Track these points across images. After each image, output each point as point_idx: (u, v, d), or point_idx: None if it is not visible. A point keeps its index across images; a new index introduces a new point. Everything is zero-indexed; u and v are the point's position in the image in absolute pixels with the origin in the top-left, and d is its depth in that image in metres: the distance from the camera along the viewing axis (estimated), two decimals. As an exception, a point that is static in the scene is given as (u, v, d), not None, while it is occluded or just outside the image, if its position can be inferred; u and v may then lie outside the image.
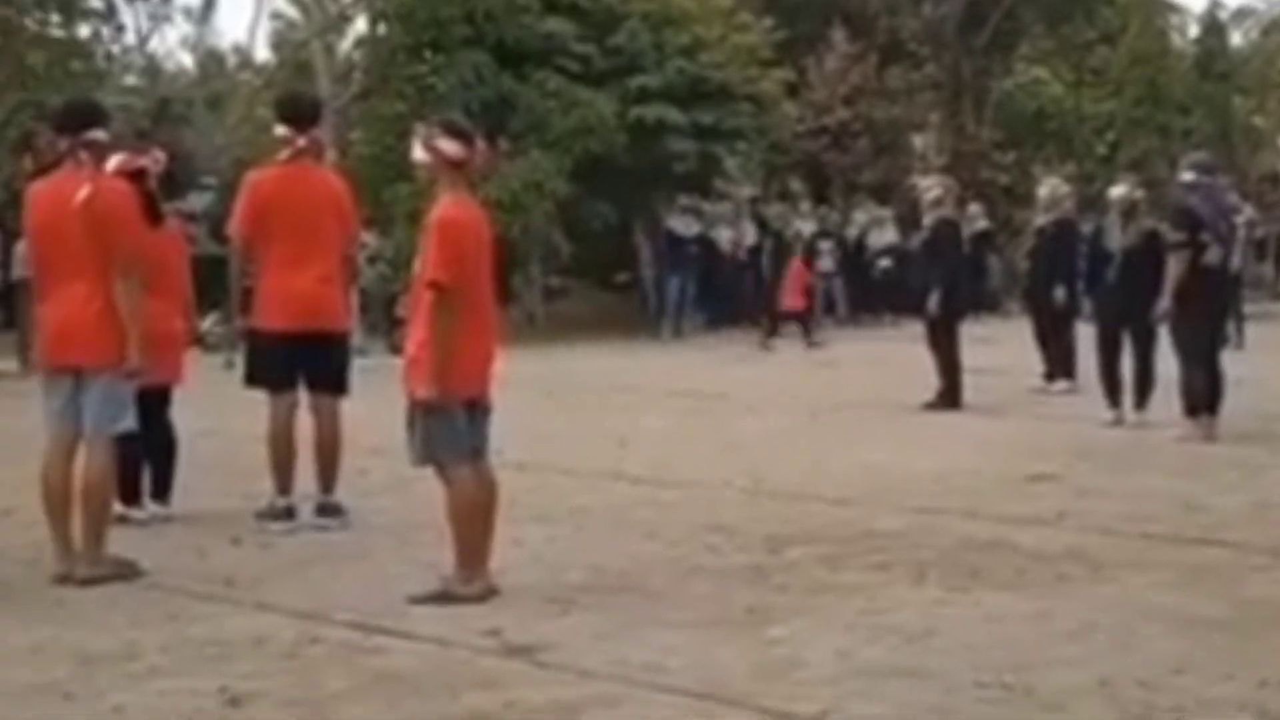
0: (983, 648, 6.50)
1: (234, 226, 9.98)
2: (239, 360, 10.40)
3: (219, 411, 12.27)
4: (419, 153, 7.78)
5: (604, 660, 6.43)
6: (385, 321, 25.28)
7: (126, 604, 7.64)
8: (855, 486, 10.64)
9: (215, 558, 8.69)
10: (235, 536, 9.17)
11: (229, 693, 6.03)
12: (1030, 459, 11.67)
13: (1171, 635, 6.67)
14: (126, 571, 8.19)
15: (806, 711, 5.76)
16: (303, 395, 9.81)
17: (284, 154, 9.90)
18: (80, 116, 8.58)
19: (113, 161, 8.99)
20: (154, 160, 9.66)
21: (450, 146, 7.72)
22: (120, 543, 8.45)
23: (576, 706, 5.85)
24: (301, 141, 9.84)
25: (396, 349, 24.09)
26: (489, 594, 7.55)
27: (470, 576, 7.60)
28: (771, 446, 12.91)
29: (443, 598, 7.49)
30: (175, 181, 10.08)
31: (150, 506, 9.90)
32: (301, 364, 9.72)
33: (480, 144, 7.91)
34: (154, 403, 9.49)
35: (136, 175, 9.18)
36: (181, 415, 10.15)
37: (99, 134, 8.48)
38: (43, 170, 8.64)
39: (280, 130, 9.98)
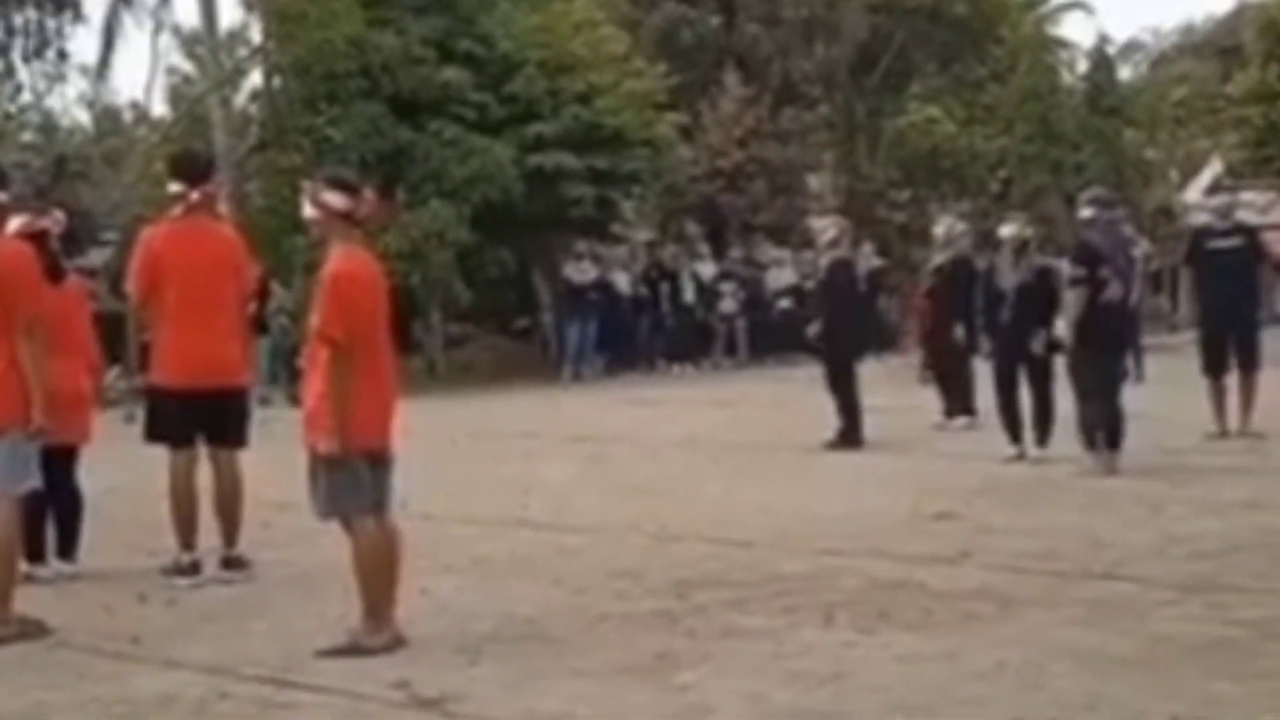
0: (893, 689, 6.52)
1: (130, 283, 9.95)
2: (139, 414, 10.33)
3: (122, 467, 12.11)
4: (308, 210, 7.80)
5: (512, 711, 6.42)
6: (286, 372, 25.12)
7: (35, 663, 7.57)
8: (760, 529, 10.64)
9: (122, 615, 8.61)
10: (141, 593, 9.12)
11: (137, 754, 5.97)
12: (934, 497, 11.71)
13: (1081, 672, 6.70)
14: (33, 630, 8.09)
15: (719, 758, 5.77)
16: (203, 449, 9.75)
17: (178, 209, 9.87)
18: None
19: (14, 224, 8.96)
20: (55, 221, 9.77)
21: (336, 199, 7.74)
22: (27, 601, 8.35)
23: (488, 758, 5.83)
24: (195, 196, 9.83)
25: (296, 400, 24.08)
26: (396, 644, 7.51)
27: (377, 627, 7.56)
28: (675, 490, 12.91)
29: (351, 650, 7.44)
30: (75, 239, 10.04)
31: (55, 565, 9.80)
32: (200, 419, 9.67)
33: (368, 194, 7.88)
34: (60, 461, 9.43)
35: (38, 237, 9.19)
36: (85, 471, 10.04)
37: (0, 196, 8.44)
38: None
39: (174, 186, 9.98)
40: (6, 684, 7.13)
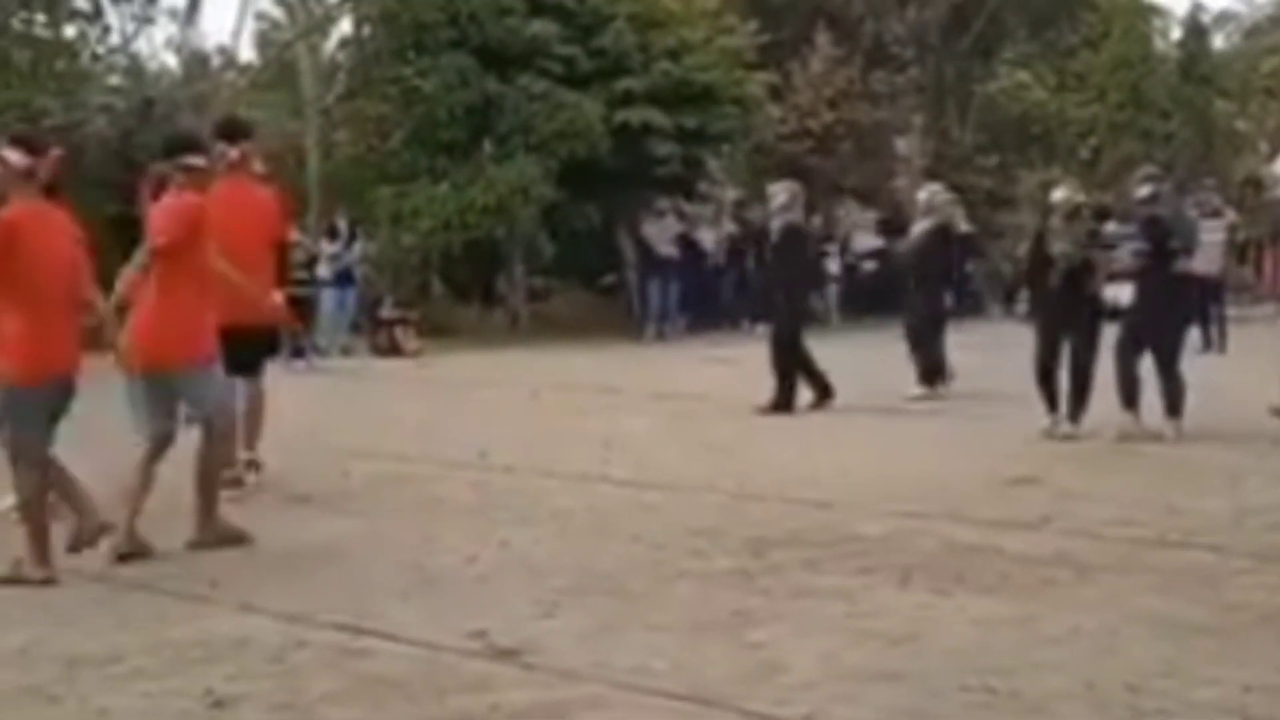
0: (967, 652, 6.51)
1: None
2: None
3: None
4: None
5: (589, 663, 6.44)
6: (370, 323, 25.32)
7: (113, 605, 7.65)
8: (837, 489, 10.65)
9: (200, 558, 8.68)
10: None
11: (214, 695, 6.04)
12: (1012, 461, 11.70)
13: (1156, 639, 6.68)
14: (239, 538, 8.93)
15: (790, 715, 5.77)
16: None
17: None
18: None
19: None
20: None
21: (16, 158, 8.18)
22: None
23: (562, 709, 5.86)
24: (234, 154, 10.84)
25: (380, 350, 24.28)
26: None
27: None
28: (754, 449, 12.91)
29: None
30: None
31: None
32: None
33: (53, 155, 8.32)
34: None
35: None
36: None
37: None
38: None
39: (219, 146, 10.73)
40: (84, 625, 7.22)
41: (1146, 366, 13.17)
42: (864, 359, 19.08)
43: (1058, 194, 13.90)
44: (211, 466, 9.05)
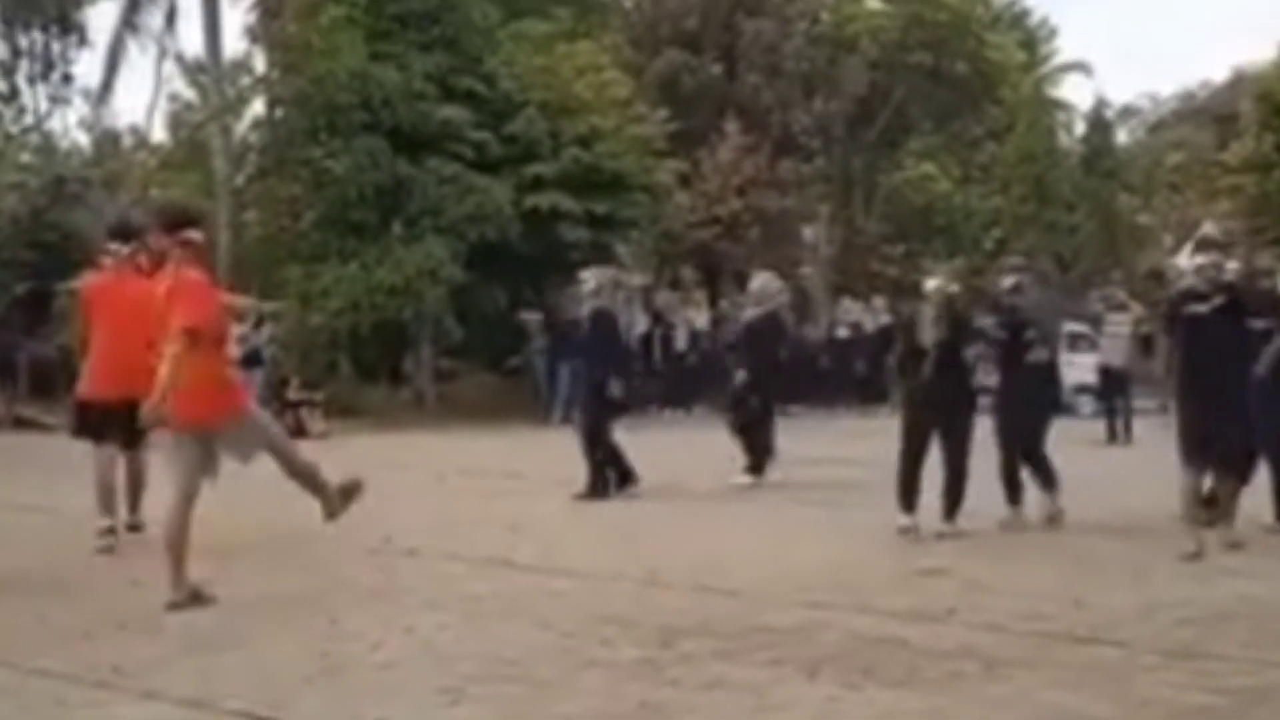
0: (876, 746, 6.50)
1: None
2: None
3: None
4: None
5: (497, 754, 6.39)
6: (276, 404, 25.14)
7: (12, 690, 7.55)
8: (745, 578, 10.62)
9: (102, 643, 8.56)
10: (121, 621, 9.07)
11: (115, 783, 5.94)
12: (916, 551, 11.74)
13: (1064, 736, 6.69)
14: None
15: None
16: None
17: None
18: None
19: None
20: None
21: None
22: (6, 615, 8.35)
23: (469, 801, 5.80)
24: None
25: (286, 431, 24.11)
26: None
27: None
28: (662, 535, 12.89)
29: None
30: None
31: None
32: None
33: None
34: None
35: None
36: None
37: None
38: None
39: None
40: (-20, 712, 7.11)
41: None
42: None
43: (931, 282, 13.45)
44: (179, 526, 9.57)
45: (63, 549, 12.07)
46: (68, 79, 29.69)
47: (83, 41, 30.11)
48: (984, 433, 13.33)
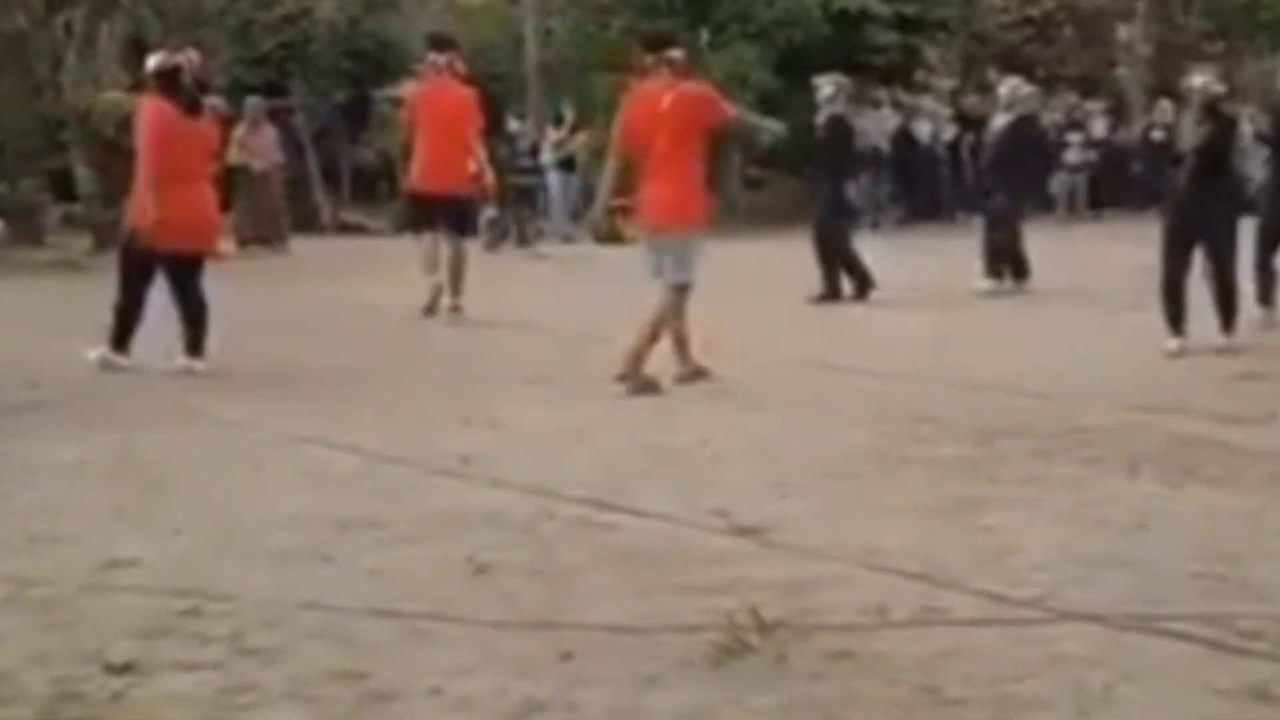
0: (1197, 541, 6.62)
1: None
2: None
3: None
4: None
5: (826, 541, 6.66)
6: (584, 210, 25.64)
7: (371, 477, 8.07)
8: (1063, 382, 10.72)
9: (450, 437, 9.06)
10: (466, 417, 9.57)
11: (474, 562, 6.38)
12: (1234, 357, 11.70)
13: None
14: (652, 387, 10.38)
15: (1023, 597, 5.92)
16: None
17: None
18: None
19: (152, 60, 10.92)
20: (189, 60, 11.19)
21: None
22: (362, 426, 8.91)
23: (804, 583, 6.07)
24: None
25: (600, 237, 24.62)
26: None
27: None
28: (978, 339, 13.01)
29: None
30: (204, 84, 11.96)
31: (182, 361, 11.26)
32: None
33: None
34: (190, 272, 11.27)
35: (172, 73, 10.39)
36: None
37: None
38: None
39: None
40: (345, 494, 7.63)
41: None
42: (1088, 249, 18.87)
43: (1195, 79, 12.36)
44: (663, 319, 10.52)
45: (399, 346, 12.76)
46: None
47: None
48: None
